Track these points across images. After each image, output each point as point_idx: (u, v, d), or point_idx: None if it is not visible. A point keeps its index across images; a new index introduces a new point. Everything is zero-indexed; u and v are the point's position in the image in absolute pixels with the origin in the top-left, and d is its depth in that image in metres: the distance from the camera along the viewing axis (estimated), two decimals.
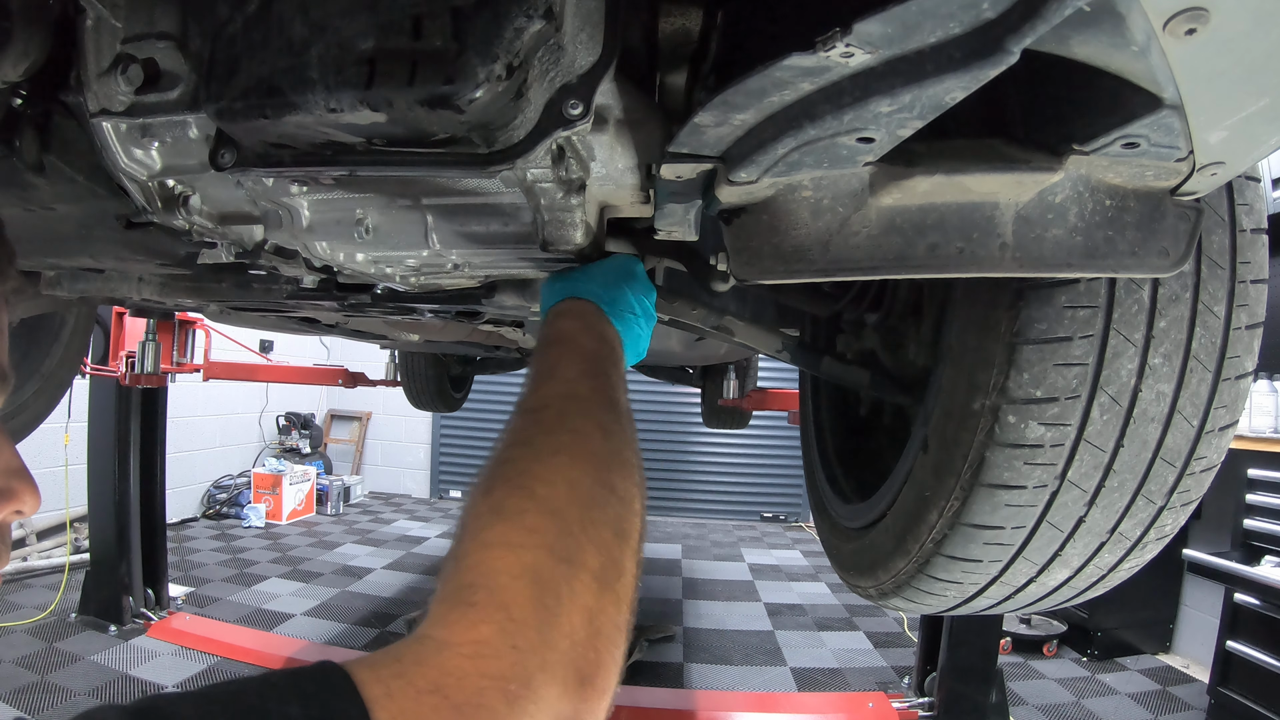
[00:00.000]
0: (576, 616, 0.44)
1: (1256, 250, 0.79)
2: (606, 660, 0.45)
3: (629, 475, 0.55)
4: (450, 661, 0.39)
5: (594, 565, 0.47)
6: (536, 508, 0.48)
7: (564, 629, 0.43)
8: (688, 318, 1.06)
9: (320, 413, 7.40)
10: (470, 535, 0.47)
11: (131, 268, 1.21)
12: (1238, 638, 2.89)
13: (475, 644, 0.40)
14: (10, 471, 0.48)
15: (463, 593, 0.43)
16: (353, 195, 0.78)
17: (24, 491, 0.48)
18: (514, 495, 0.49)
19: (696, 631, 3.79)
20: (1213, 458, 0.84)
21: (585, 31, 0.57)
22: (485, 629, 0.41)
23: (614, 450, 0.55)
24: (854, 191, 0.63)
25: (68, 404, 2.91)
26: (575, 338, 0.67)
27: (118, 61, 0.62)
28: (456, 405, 4.68)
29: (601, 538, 0.49)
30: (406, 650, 0.39)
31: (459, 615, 0.42)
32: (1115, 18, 0.41)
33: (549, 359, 0.64)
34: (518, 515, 0.47)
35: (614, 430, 0.57)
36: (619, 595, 0.48)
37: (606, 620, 0.46)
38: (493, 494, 0.49)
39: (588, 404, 0.58)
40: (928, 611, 1.06)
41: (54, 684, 2.68)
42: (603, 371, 0.64)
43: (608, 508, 0.51)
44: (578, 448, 0.53)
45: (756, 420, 4.84)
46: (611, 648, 0.46)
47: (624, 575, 0.49)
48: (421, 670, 0.38)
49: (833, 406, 1.57)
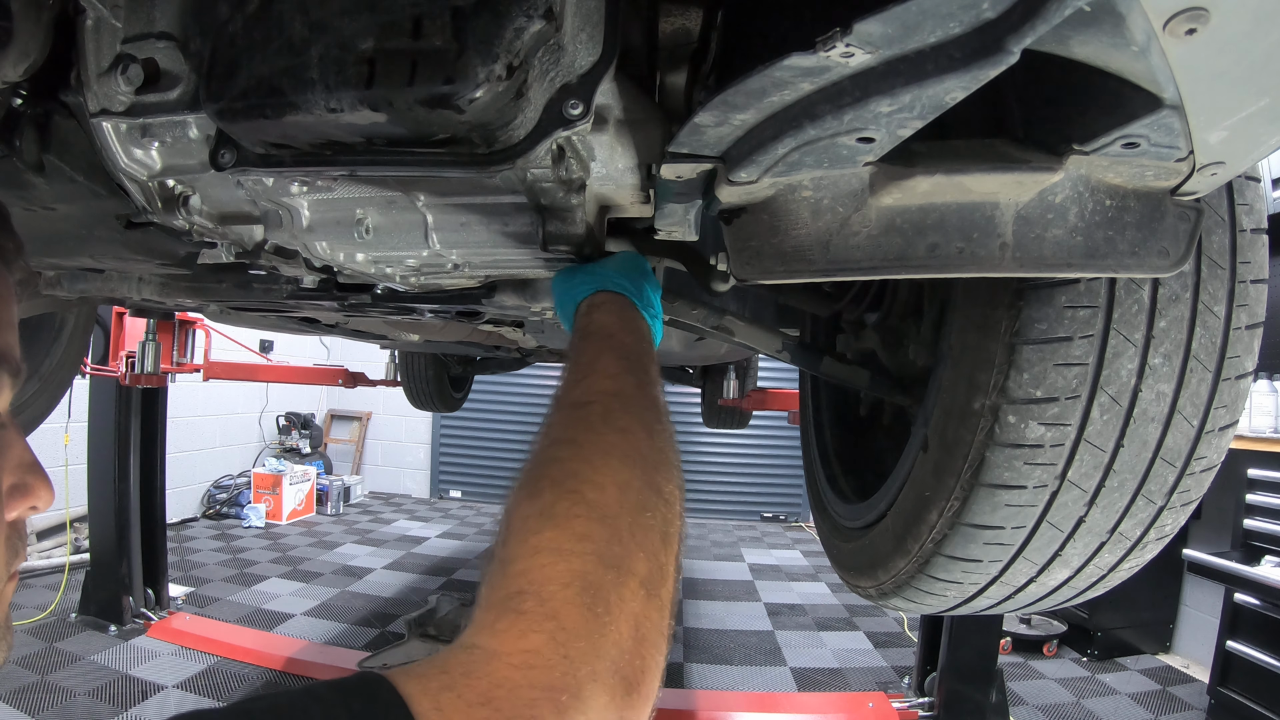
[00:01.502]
0: (624, 624, 0.43)
1: (1256, 250, 0.79)
2: (651, 666, 0.45)
3: (672, 477, 0.54)
4: (500, 672, 0.38)
5: (642, 572, 0.46)
6: (587, 513, 0.47)
7: (612, 638, 0.42)
8: (688, 318, 1.06)
9: (320, 413, 7.40)
10: (518, 539, 0.46)
11: (131, 268, 1.21)
12: (1238, 638, 2.89)
13: (525, 654, 0.39)
14: (25, 466, 0.48)
15: (511, 600, 0.42)
16: (353, 195, 0.78)
17: (39, 487, 0.48)
18: (564, 499, 0.48)
19: (696, 631, 3.79)
20: (1213, 458, 0.84)
21: (585, 31, 0.57)
22: (535, 639, 0.40)
23: (659, 450, 0.54)
24: (854, 191, 0.63)
25: (68, 404, 2.92)
26: (614, 332, 0.66)
27: (118, 61, 0.62)
28: (456, 405, 4.69)
29: (649, 543, 0.48)
30: (454, 661, 0.38)
31: (508, 624, 0.41)
32: (1115, 18, 0.41)
33: (589, 353, 0.62)
34: (567, 520, 0.46)
35: (658, 430, 0.56)
36: (663, 601, 0.47)
37: (652, 627, 0.46)
38: (541, 496, 0.48)
39: (632, 401, 0.57)
40: (928, 611, 1.06)
41: (54, 684, 2.68)
42: (644, 367, 0.62)
43: (655, 512, 0.50)
44: (626, 448, 0.52)
45: (756, 420, 4.83)
46: (656, 654, 0.45)
47: (668, 580, 0.49)
48: (470, 682, 0.37)
49: (833, 406, 1.57)
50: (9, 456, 0.47)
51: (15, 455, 0.48)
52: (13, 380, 0.49)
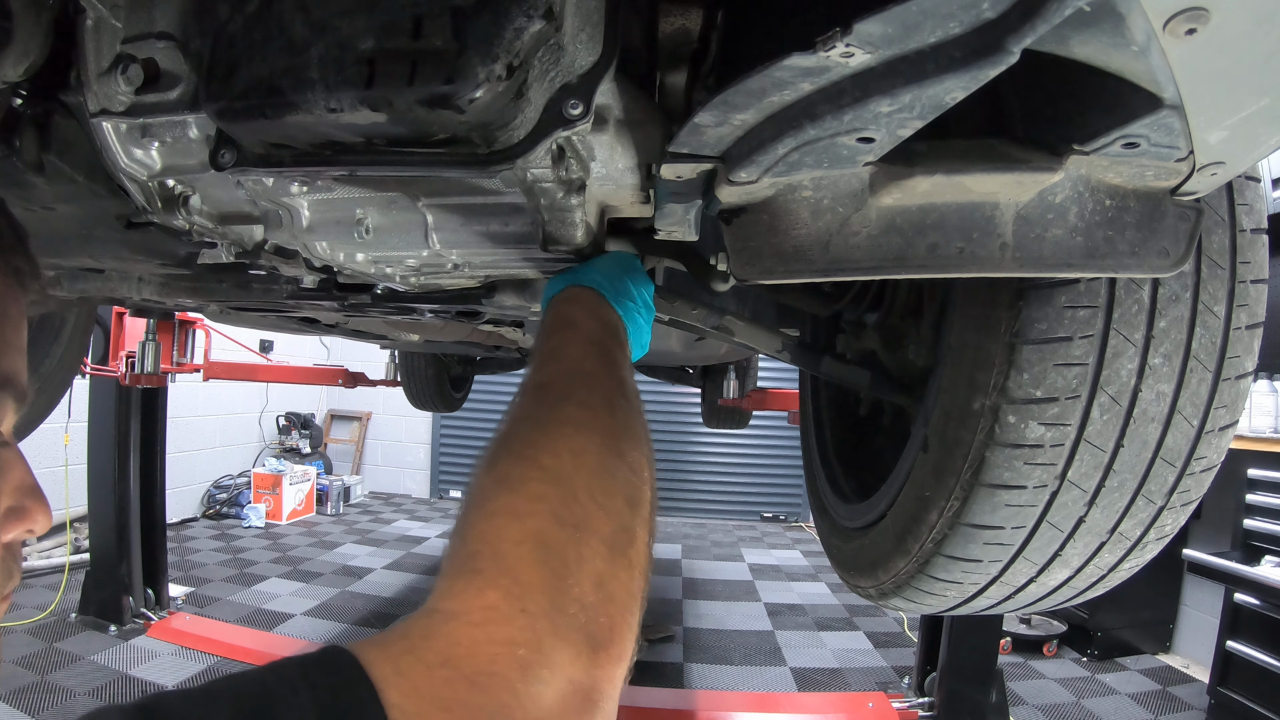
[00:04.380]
0: (587, 582, 0.43)
1: (1256, 250, 0.79)
2: (620, 626, 0.44)
3: (638, 445, 0.54)
4: (458, 631, 0.38)
5: (604, 531, 0.46)
6: (541, 476, 0.47)
7: (573, 594, 0.42)
8: (688, 317, 1.06)
9: (320, 413, 7.40)
10: (474, 507, 0.46)
11: (131, 268, 1.21)
12: (1238, 638, 2.89)
13: (483, 610, 0.39)
14: (24, 489, 0.47)
15: (468, 562, 0.42)
16: (353, 195, 0.78)
17: (37, 511, 0.48)
18: (518, 465, 0.48)
19: (696, 631, 3.79)
20: (1213, 458, 0.84)
21: (585, 31, 0.57)
22: (492, 595, 0.40)
23: (622, 422, 0.55)
24: (854, 191, 0.63)
25: (68, 404, 2.91)
26: (578, 321, 0.66)
27: (118, 61, 0.62)
28: (456, 405, 4.68)
29: (611, 504, 0.48)
30: (414, 625, 0.39)
31: (464, 584, 0.41)
32: (1115, 18, 0.41)
33: (552, 342, 0.63)
34: (522, 484, 0.47)
35: (620, 404, 0.56)
36: (631, 561, 0.47)
37: (619, 586, 0.45)
38: (497, 466, 0.49)
39: (593, 379, 0.58)
40: (928, 611, 1.06)
41: (54, 684, 2.68)
42: (607, 351, 0.63)
43: (617, 475, 0.50)
44: (583, 419, 0.52)
45: (756, 420, 4.84)
46: (625, 614, 0.45)
47: (636, 542, 0.48)
48: (430, 644, 0.37)
49: (833, 406, 1.57)
50: (9, 478, 0.47)
51: (15, 477, 0.47)
52: (17, 405, 0.49)
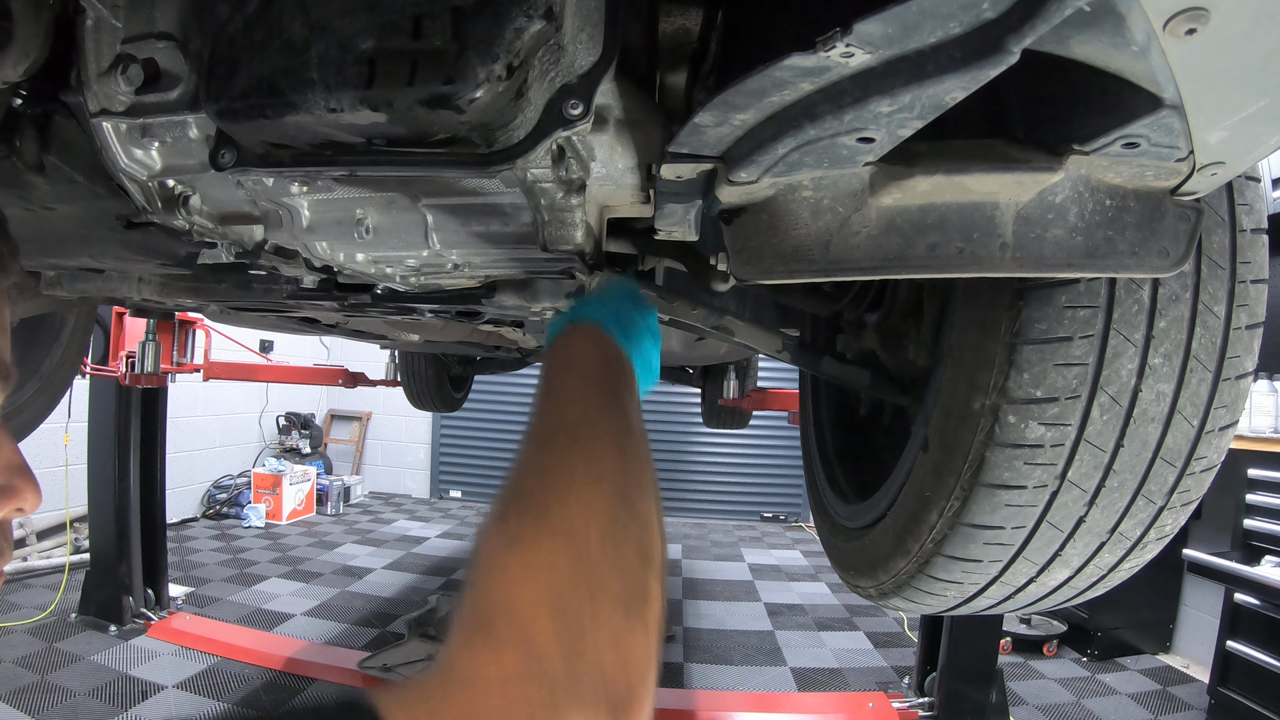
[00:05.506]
0: (603, 644, 0.43)
1: (1256, 250, 0.79)
2: (639, 689, 0.44)
3: (646, 496, 0.53)
4: (478, 697, 0.38)
5: (616, 588, 0.45)
6: (553, 533, 0.46)
7: (590, 658, 0.42)
8: (688, 318, 1.06)
9: (320, 413, 7.39)
10: (486, 565, 0.45)
11: (131, 268, 1.21)
12: (1238, 638, 2.89)
13: (501, 674, 0.39)
14: (12, 469, 0.48)
15: (484, 621, 0.42)
16: (353, 195, 0.78)
17: (25, 489, 0.48)
18: (529, 522, 0.47)
19: (696, 631, 3.79)
20: (1213, 458, 0.84)
21: (585, 31, 0.57)
22: (510, 658, 0.40)
23: (629, 471, 0.53)
24: (854, 191, 0.63)
25: (68, 404, 2.91)
26: (579, 361, 0.64)
27: (118, 61, 0.62)
28: (456, 405, 4.68)
29: (624, 561, 0.47)
30: (434, 687, 0.39)
31: (481, 642, 0.41)
32: (1115, 18, 0.41)
33: (554, 383, 0.61)
34: (534, 541, 0.46)
35: (628, 449, 0.55)
36: (647, 621, 0.46)
37: (635, 646, 0.45)
38: (507, 522, 0.48)
39: (599, 425, 0.56)
40: (928, 611, 1.06)
41: (54, 684, 2.68)
42: (612, 390, 0.61)
43: (629, 530, 0.49)
44: (592, 470, 0.51)
45: (756, 420, 4.83)
46: (643, 674, 0.44)
47: (650, 599, 0.47)
48: (450, 706, 0.37)
49: (833, 406, 1.57)
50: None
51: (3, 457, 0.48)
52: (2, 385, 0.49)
